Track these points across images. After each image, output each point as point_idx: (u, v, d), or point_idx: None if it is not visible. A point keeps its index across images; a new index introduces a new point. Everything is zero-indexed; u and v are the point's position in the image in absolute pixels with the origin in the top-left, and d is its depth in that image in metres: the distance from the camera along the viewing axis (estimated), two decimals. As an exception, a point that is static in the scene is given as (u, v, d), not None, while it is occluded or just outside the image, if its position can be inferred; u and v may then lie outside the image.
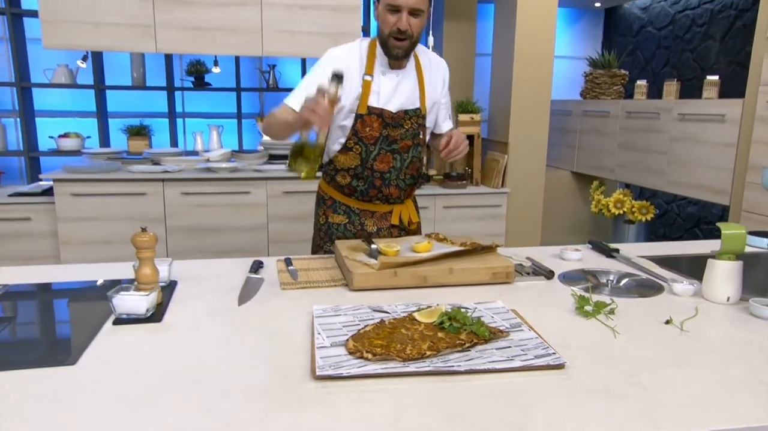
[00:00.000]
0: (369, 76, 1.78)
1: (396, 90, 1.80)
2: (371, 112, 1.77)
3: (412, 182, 1.90)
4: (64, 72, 3.78)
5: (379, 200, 1.88)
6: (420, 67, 1.85)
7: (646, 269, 1.64)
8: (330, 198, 1.94)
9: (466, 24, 4.31)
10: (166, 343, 1.13)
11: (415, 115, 1.82)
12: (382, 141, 1.80)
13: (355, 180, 1.85)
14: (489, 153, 3.96)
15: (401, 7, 1.65)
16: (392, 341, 1.08)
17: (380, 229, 1.92)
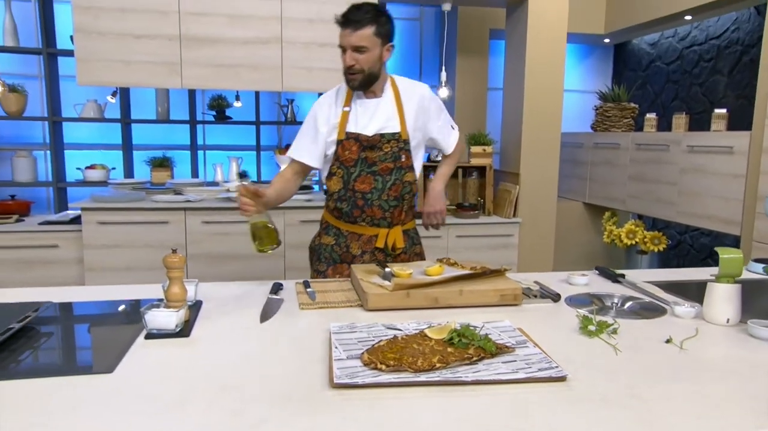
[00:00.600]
0: (347, 107, 1.98)
1: (373, 116, 1.97)
2: (348, 137, 1.95)
3: (395, 203, 2.00)
4: (93, 107, 3.97)
5: (364, 221, 2.00)
6: (398, 96, 2.01)
7: (650, 293, 1.71)
8: (326, 222, 2.11)
9: (478, 59, 4.46)
10: (194, 355, 1.22)
11: (393, 138, 1.97)
12: (361, 163, 1.96)
13: (340, 202, 2.00)
14: (501, 184, 4.05)
15: (345, 47, 1.89)
16: (404, 354, 1.16)
17: (364, 252, 2.02)
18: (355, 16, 1.86)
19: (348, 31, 1.86)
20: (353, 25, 1.85)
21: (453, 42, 4.48)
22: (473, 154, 3.90)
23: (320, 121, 1.99)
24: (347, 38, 1.87)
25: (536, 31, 3.70)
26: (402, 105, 2.00)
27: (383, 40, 1.92)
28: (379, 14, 1.90)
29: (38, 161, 4.08)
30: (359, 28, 1.85)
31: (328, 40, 3.40)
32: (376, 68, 1.92)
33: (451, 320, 1.31)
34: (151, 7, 3.21)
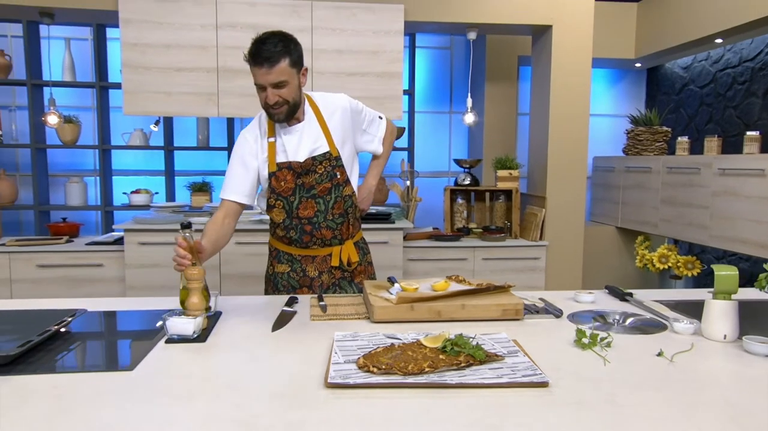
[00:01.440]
0: (271, 137, 1.95)
1: (300, 141, 1.94)
2: (280, 167, 1.93)
3: (341, 220, 2.02)
4: (139, 135, 4.24)
5: (315, 244, 2.03)
6: (320, 114, 1.98)
7: (654, 311, 1.74)
8: (275, 250, 2.11)
9: (508, 85, 4.55)
10: (207, 358, 1.34)
11: (325, 159, 1.96)
12: (299, 190, 1.96)
13: (288, 231, 2.01)
14: (528, 207, 4.10)
15: (264, 86, 1.82)
16: (398, 360, 1.24)
17: (321, 272, 2.04)
18: (267, 52, 1.77)
19: (264, 70, 1.79)
20: (268, 63, 1.77)
21: (482, 69, 4.59)
22: (500, 177, 3.96)
23: (248, 157, 1.95)
24: (264, 77, 1.80)
25: (561, 58, 3.77)
26: (325, 123, 1.97)
27: (298, 68, 1.86)
28: (287, 42, 1.82)
29: (89, 187, 4.36)
30: (274, 64, 1.78)
31: (356, 69, 3.56)
32: (297, 97, 1.88)
33: (446, 331, 1.39)
34: (192, 42, 3.45)
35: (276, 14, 3.48)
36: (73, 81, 4.13)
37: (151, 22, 3.40)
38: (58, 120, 3.67)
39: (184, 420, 1.01)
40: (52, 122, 3.64)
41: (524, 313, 1.69)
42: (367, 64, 3.57)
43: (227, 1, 3.45)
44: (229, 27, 3.46)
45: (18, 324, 1.41)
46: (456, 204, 4.05)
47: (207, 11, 3.44)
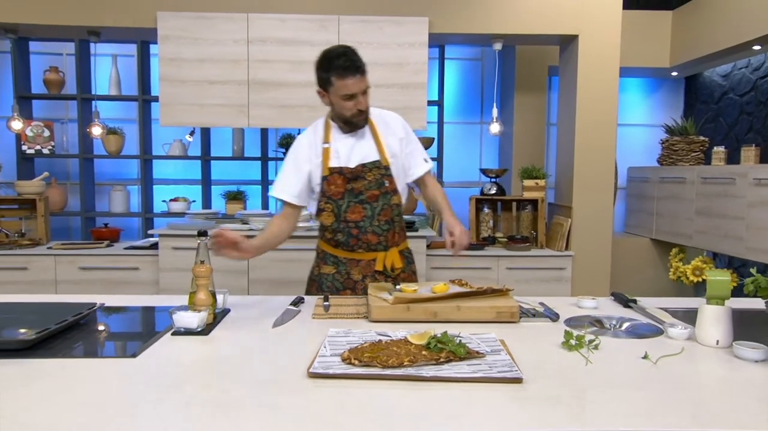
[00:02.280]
0: (327, 143, 2.09)
1: (353, 149, 2.07)
2: (332, 171, 2.06)
3: (387, 227, 2.10)
4: (178, 146, 4.45)
5: (361, 248, 2.11)
6: (374, 126, 2.11)
7: (655, 317, 1.74)
8: (322, 251, 2.21)
9: (537, 95, 4.55)
10: (207, 350, 1.43)
11: (375, 167, 2.07)
12: (348, 194, 2.07)
13: (336, 234, 2.12)
14: (555, 217, 4.08)
15: (357, 94, 1.96)
16: (381, 354, 1.30)
17: (365, 276, 2.12)
18: (358, 62, 1.94)
19: (357, 78, 1.94)
20: (360, 72, 1.94)
21: (512, 79, 4.62)
22: (526, 187, 3.97)
23: (301, 160, 2.08)
24: (358, 85, 1.95)
25: (587, 67, 3.77)
26: (378, 134, 2.10)
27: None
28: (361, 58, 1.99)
29: (131, 194, 4.60)
30: (364, 72, 1.96)
31: (381, 81, 3.66)
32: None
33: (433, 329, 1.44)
34: (225, 57, 3.62)
35: (305, 29, 3.61)
36: (119, 95, 4.38)
37: (187, 38, 3.60)
38: (102, 131, 3.90)
39: (171, 400, 1.10)
40: (96, 133, 3.88)
41: (521, 316, 1.72)
42: (392, 76, 3.66)
43: (258, 17, 3.61)
44: (260, 42, 3.62)
45: (42, 315, 1.54)
46: (482, 213, 4.07)
47: (239, 27, 3.61)
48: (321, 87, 2.03)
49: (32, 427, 0.98)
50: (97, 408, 1.06)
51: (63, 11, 3.64)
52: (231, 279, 3.60)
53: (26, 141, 4.32)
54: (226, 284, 3.57)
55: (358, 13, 3.67)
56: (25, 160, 4.40)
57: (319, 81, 2.02)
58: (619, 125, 5.05)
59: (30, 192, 3.86)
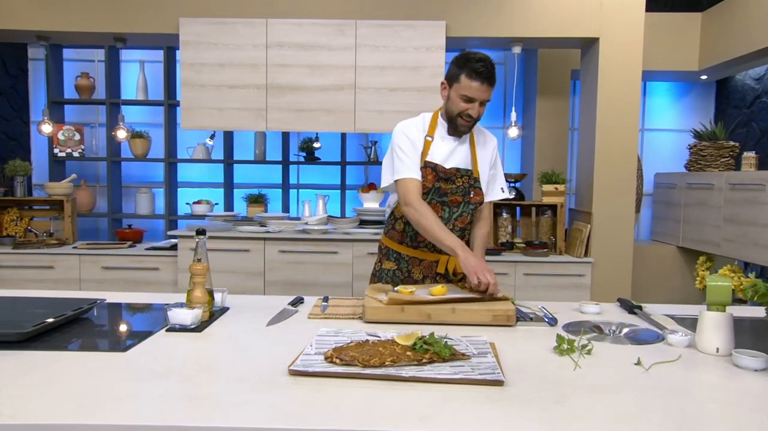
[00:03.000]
0: (430, 137, 2.09)
1: (452, 152, 2.08)
2: (427, 165, 2.05)
3: (459, 234, 2.09)
4: (202, 149, 4.53)
5: (426, 247, 2.10)
6: (473, 140, 2.14)
7: (658, 324, 1.69)
8: (386, 247, 2.21)
9: (560, 99, 4.49)
10: (196, 346, 1.45)
11: (467, 174, 2.08)
12: (433, 192, 2.06)
13: (408, 226, 2.11)
14: (574, 223, 4.01)
15: (476, 99, 1.97)
16: (364, 353, 1.30)
17: (425, 277, 2.12)
18: (491, 72, 1.96)
19: (485, 87, 1.95)
20: (491, 82, 1.96)
21: (534, 83, 4.57)
22: (545, 192, 3.91)
23: (416, 141, 2.07)
24: (483, 93, 1.96)
25: (608, 71, 3.70)
26: (476, 148, 2.13)
27: None
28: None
29: (156, 197, 4.71)
30: (493, 85, 1.98)
31: (398, 85, 3.66)
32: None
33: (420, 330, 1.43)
34: (244, 61, 3.68)
35: (322, 33, 3.65)
36: (145, 99, 4.49)
37: (208, 43, 3.67)
38: (126, 134, 4.01)
39: (146, 394, 1.12)
40: (121, 136, 3.98)
41: (518, 320, 1.70)
42: (408, 80, 3.66)
43: (276, 22, 3.66)
44: (278, 46, 3.67)
45: (47, 309, 1.59)
46: (500, 218, 4.03)
47: (258, 32, 3.66)
48: (447, 80, 2.04)
49: (10, 418, 1.01)
50: (73, 400, 1.09)
51: (90, 18, 3.75)
52: (247, 280, 3.64)
53: (58, 144, 4.47)
54: (243, 285, 3.62)
55: (375, 17, 3.68)
56: (57, 162, 4.55)
57: (449, 73, 2.04)
58: (647, 129, 4.95)
59: (58, 194, 3.98)
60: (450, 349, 1.31)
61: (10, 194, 4.03)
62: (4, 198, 3.96)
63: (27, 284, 3.68)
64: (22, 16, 3.77)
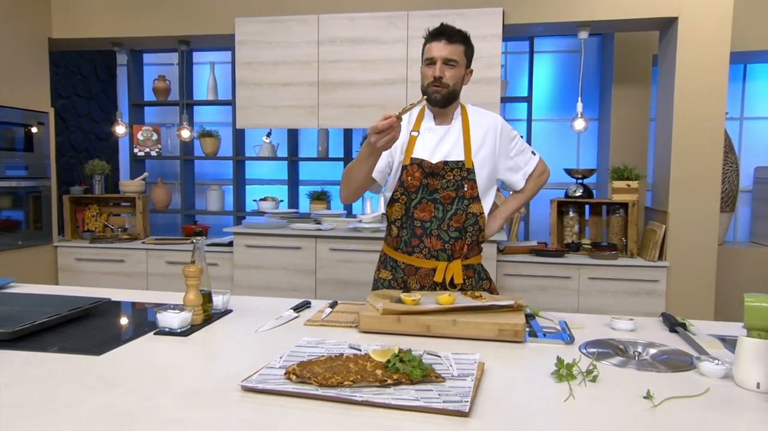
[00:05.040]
0: (415, 131, 1.96)
1: (439, 143, 1.92)
2: (413, 162, 1.91)
3: (457, 235, 1.91)
4: (268, 147, 4.59)
5: (421, 252, 1.93)
6: (467, 124, 1.94)
7: (698, 346, 1.43)
8: (384, 254, 2.07)
9: (639, 87, 4.09)
10: (172, 352, 1.40)
11: (456, 167, 1.90)
12: (422, 190, 1.91)
13: (400, 230, 1.96)
14: (649, 223, 3.63)
15: (435, 59, 1.86)
16: (330, 370, 1.18)
17: (423, 287, 1.94)
18: (450, 29, 1.87)
19: (441, 44, 1.85)
20: (447, 38, 1.85)
21: (609, 70, 4.20)
22: (615, 189, 3.57)
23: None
24: (440, 50, 1.85)
25: (688, 53, 3.29)
26: (470, 134, 1.94)
27: (468, 62, 1.92)
28: (468, 39, 1.91)
29: (226, 194, 4.84)
30: (453, 42, 1.85)
31: (451, 77, 3.48)
32: (458, 87, 1.91)
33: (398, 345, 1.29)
34: (297, 59, 3.66)
35: (373, 27, 3.54)
36: (215, 99, 4.62)
37: (262, 42, 3.68)
38: (190, 134, 4.13)
39: (88, 403, 1.07)
40: (185, 136, 4.11)
41: (533, 335, 1.50)
42: (462, 71, 3.47)
43: (328, 18, 3.60)
44: (330, 42, 3.61)
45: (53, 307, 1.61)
46: (566, 217, 3.73)
47: (310, 28, 3.62)
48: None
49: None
50: (15, 406, 1.06)
51: (156, 24, 3.89)
52: (298, 278, 3.62)
53: (137, 144, 4.70)
54: (294, 283, 3.61)
55: (427, 7, 3.52)
56: (137, 161, 4.79)
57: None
58: (746, 118, 4.40)
59: (131, 191, 4.19)
60: (423, 370, 1.17)
61: (90, 192, 4.28)
62: (84, 195, 4.22)
63: (100, 277, 3.89)
64: (99, 25, 3.98)
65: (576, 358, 1.31)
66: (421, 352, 1.29)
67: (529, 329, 1.56)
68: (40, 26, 3.93)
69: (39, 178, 3.93)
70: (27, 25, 3.82)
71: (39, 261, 3.92)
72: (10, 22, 3.67)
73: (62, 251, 4.00)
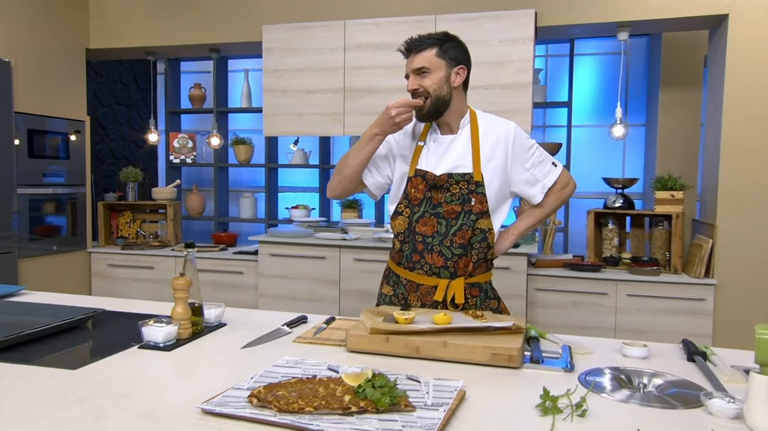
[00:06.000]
0: (421, 141, 1.90)
1: (444, 154, 1.85)
2: (417, 174, 1.85)
3: (461, 251, 1.82)
4: (300, 154, 4.62)
5: (422, 269, 1.86)
6: (476, 133, 1.85)
7: (716, 379, 1.31)
8: (387, 268, 2.01)
9: (690, 91, 3.88)
10: (151, 367, 1.39)
11: (463, 179, 1.82)
12: (426, 203, 1.85)
13: (403, 245, 1.89)
14: (696, 236, 3.41)
15: (409, 74, 1.84)
16: (297, 393, 1.14)
17: (423, 305, 1.86)
18: (415, 42, 1.82)
19: (410, 59, 1.83)
20: (414, 50, 1.82)
21: (657, 72, 4.00)
22: (658, 200, 3.38)
23: (393, 141, 1.93)
24: (409, 65, 1.83)
25: (739, 53, 3.09)
26: (479, 143, 1.84)
27: (450, 61, 1.81)
28: (444, 39, 1.82)
29: (259, 201, 4.89)
30: (420, 51, 1.80)
31: (479, 83, 3.38)
32: (443, 92, 1.80)
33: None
34: (322, 65, 3.66)
35: (400, 32, 3.50)
36: (248, 107, 4.69)
37: (288, 49, 3.70)
38: (219, 142, 4.20)
39: (38, 422, 1.06)
40: (214, 143, 4.18)
41: (526, 361, 1.42)
42: (491, 76, 3.37)
43: (354, 23, 3.58)
44: (356, 48, 3.59)
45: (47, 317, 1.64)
46: (605, 230, 3.57)
47: (336, 35, 3.62)
48: None
49: None
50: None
51: (187, 32, 3.99)
52: (322, 288, 3.60)
53: (173, 152, 4.83)
54: (318, 293, 3.59)
55: (456, 10, 3.45)
56: (172, 169, 4.92)
57: None
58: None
59: (163, 198, 4.29)
60: (393, 397, 1.11)
61: (124, 199, 4.41)
62: (118, 202, 4.36)
63: (130, 283, 3.99)
64: (133, 34, 4.11)
65: (571, 388, 1.21)
66: (402, 376, 1.24)
67: (530, 353, 1.47)
68: (78, 37, 4.09)
69: (75, 185, 4.08)
70: (66, 36, 3.98)
71: (74, 267, 4.06)
72: (49, 33, 3.83)
73: (96, 257, 4.13)
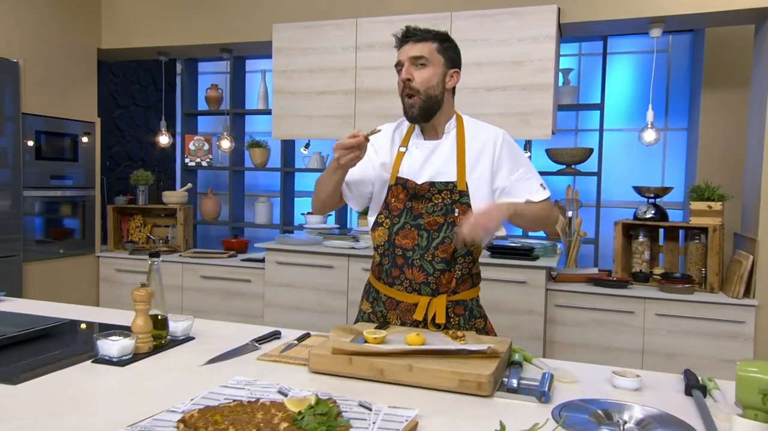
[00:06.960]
0: (403, 147, 1.83)
1: (427, 160, 1.78)
2: (398, 182, 1.79)
3: (443, 266, 1.74)
4: (317, 158, 4.61)
5: (402, 285, 1.79)
6: (462, 138, 1.78)
7: (709, 419, 1.20)
8: (368, 283, 1.95)
9: (735, 92, 3.69)
10: (97, 384, 1.37)
11: (446, 188, 1.75)
12: (406, 214, 1.77)
13: (382, 258, 1.83)
14: (737, 252, 3.23)
15: (403, 62, 1.75)
16: (233, 419, 1.10)
17: (404, 323, 1.79)
18: (417, 30, 1.75)
19: (407, 46, 1.74)
20: (413, 38, 1.74)
21: (699, 73, 3.83)
22: (694, 211, 3.21)
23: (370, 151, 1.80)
24: (407, 51, 1.73)
25: (785, 50, 2.92)
26: (464, 150, 1.77)
27: (447, 62, 1.75)
28: (445, 37, 1.78)
29: (275, 206, 4.90)
30: (420, 41, 1.73)
31: (497, 83, 3.31)
32: (436, 92, 1.73)
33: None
34: (333, 66, 3.64)
35: (414, 29, 3.44)
36: (264, 109, 4.71)
37: (298, 49, 3.70)
38: (230, 144, 4.22)
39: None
40: (224, 146, 4.20)
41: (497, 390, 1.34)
42: (509, 77, 3.28)
43: (366, 21, 3.55)
44: (368, 47, 3.56)
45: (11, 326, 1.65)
46: (635, 242, 3.41)
47: (348, 33, 3.59)
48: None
49: None
50: None
51: (198, 32, 4.03)
52: (330, 299, 3.57)
53: (189, 154, 4.89)
54: (326, 304, 3.56)
55: (473, 7, 3.37)
56: (187, 171, 4.98)
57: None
58: None
59: (173, 202, 4.34)
60: (330, 428, 1.05)
61: (134, 202, 4.49)
62: (129, 206, 4.43)
63: (138, 289, 4.04)
64: (144, 34, 4.19)
65: (540, 422, 1.13)
66: (354, 402, 1.19)
67: (507, 380, 1.39)
68: (90, 37, 4.19)
69: (85, 187, 4.17)
70: (77, 36, 4.08)
71: (82, 271, 4.14)
72: (60, 33, 3.93)
73: (104, 261, 4.21)
